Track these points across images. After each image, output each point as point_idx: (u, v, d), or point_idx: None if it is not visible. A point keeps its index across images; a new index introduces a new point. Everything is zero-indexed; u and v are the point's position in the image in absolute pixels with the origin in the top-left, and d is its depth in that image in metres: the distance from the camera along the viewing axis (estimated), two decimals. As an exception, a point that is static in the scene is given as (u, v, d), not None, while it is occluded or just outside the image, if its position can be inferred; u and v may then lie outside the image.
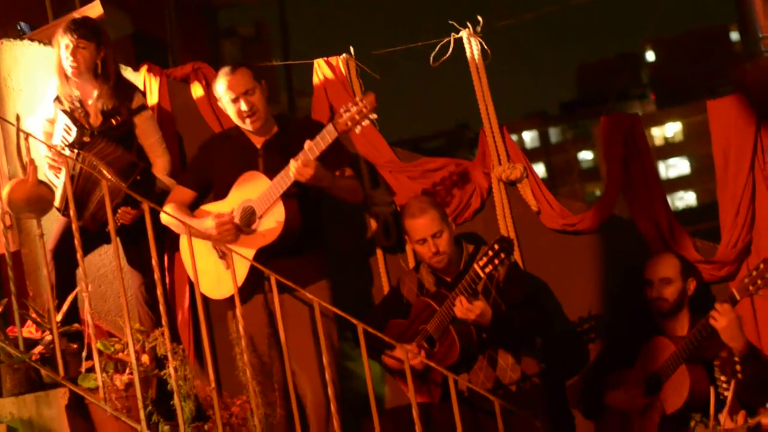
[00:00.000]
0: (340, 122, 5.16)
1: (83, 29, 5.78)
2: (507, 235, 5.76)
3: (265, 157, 5.47)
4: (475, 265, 5.09)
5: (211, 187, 5.61)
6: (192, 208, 5.56)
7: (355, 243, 6.11)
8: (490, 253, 5.06)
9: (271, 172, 5.32)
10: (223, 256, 5.40)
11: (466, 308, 5.13)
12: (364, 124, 5.18)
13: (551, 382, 5.58)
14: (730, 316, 4.92)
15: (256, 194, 5.32)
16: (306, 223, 5.35)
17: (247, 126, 5.48)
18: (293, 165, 5.16)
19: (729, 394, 4.67)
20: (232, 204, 5.41)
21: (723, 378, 4.71)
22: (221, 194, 5.49)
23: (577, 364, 5.76)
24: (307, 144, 5.18)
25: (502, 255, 5.05)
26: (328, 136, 5.18)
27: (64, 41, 5.76)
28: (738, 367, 4.70)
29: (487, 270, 5.07)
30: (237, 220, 5.35)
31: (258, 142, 5.52)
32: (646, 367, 5.25)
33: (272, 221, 5.28)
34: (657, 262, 5.42)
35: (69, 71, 5.78)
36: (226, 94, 5.47)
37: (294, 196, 5.30)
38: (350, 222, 6.08)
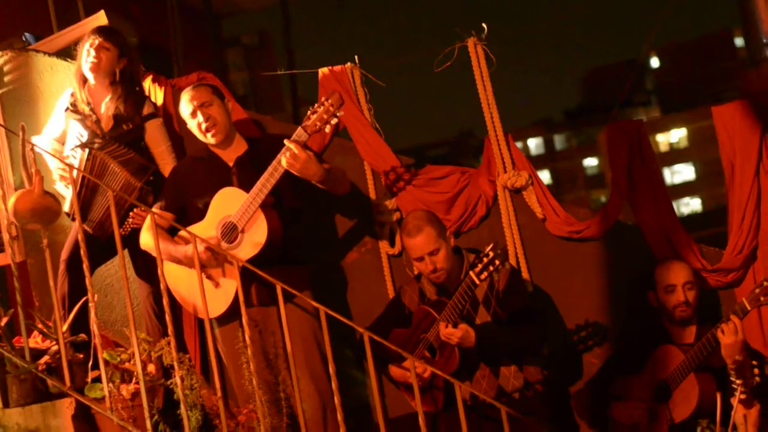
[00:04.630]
0: (309, 124, 5.24)
1: (110, 34, 5.90)
2: (505, 244, 5.75)
3: (239, 174, 5.49)
4: (471, 273, 5.09)
5: (187, 210, 5.61)
6: (171, 230, 5.57)
7: (342, 252, 6.12)
8: (485, 260, 5.05)
9: (245, 188, 5.35)
10: (210, 276, 5.41)
11: (447, 333, 5.15)
12: (332, 122, 5.25)
13: (555, 389, 5.57)
14: (738, 337, 4.91)
15: (234, 209, 5.33)
16: (287, 233, 5.37)
17: (208, 140, 5.52)
18: (284, 157, 5.19)
19: (744, 396, 4.67)
20: (211, 223, 5.41)
21: (739, 381, 4.71)
22: (197, 217, 5.50)
23: (582, 371, 5.75)
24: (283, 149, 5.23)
25: (497, 262, 5.04)
26: (298, 139, 5.24)
27: (89, 41, 5.85)
28: (756, 371, 4.70)
29: (482, 277, 5.06)
30: (219, 238, 5.36)
31: (230, 159, 5.56)
32: (654, 375, 5.24)
33: (255, 233, 5.29)
34: (674, 267, 5.39)
35: (87, 67, 5.83)
36: (186, 109, 5.56)
37: (272, 206, 5.32)
38: (338, 231, 6.10)
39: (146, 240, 5.52)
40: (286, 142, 5.23)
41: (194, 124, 5.55)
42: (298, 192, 5.51)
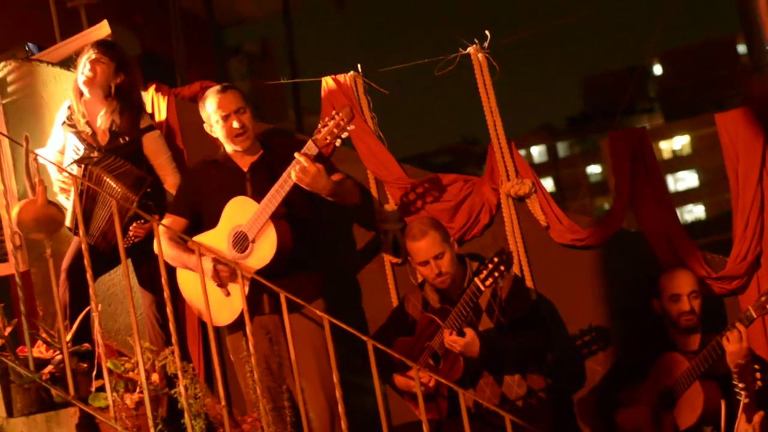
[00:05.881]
0: (319, 137, 5.20)
1: (109, 49, 5.90)
2: (510, 250, 5.75)
3: (252, 179, 5.48)
4: (476, 279, 5.09)
5: (201, 214, 5.60)
6: (186, 234, 5.54)
7: (346, 262, 6.11)
8: (490, 266, 5.06)
9: (259, 194, 5.33)
10: (221, 284, 5.40)
11: (451, 341, 5.15)
12: (343, 136, 5.22)
13: (558, 397, 5.57)
14: (743, 345, 4.91)
15: (246, 219, 5.32)
16: (298, 243, 5.36)
17: (236, 146, 5.49)
18: (294, 170, 5.17)
19: (747, 401, 4.67)
20: (223, 232, 5.40)
21: (741, 385, 4.71)
22: (212, 222, 5.49)
23: (585, 378, 5.75)
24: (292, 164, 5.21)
25: (502, 267, 5.04)
26: (309, 152, 5.21)
27: (87, 54, 5.86)
28: (758, 375, 4.71)
29: (487, 283, 5.06)
30: (230, 247, 5.35)
31: (244, 165, 5.53)
32: (658, 383, 5.23)
33: (265, 244, 5.28)
34: (680, 276, 5.39)
35: (82, 80, 5.83)
36: (215, 113, 5.48)
37: (284, 216, 5.31)
38: (342, 240, 6.10)
39: (163, 249, 5.46)
40: (296, 155, 5.21)
41: (224, 129, 5.48)
42: (310, 202, 5.49)
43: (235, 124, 5.44)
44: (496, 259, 5.05)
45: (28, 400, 5.27)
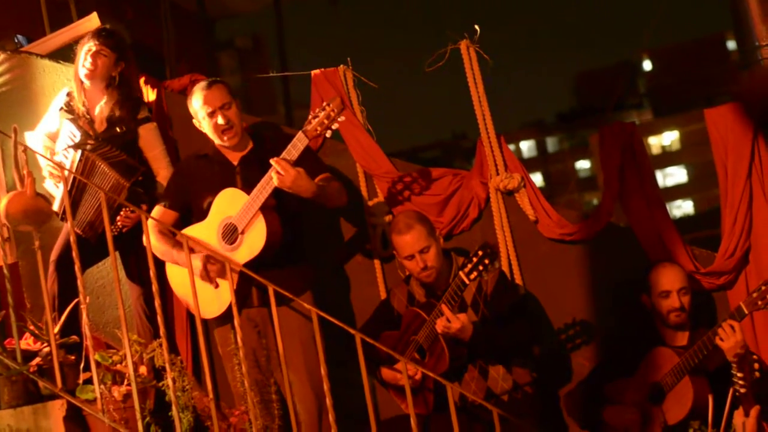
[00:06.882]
0: (309, 129, 5.18)
1: (108, 39, 5.88)
2: (494, 244, 5.75)
3: (243, 173, 5.47)
4: (461, 273, 5.09)
5: (191, 207, 5.59)
6: (176, 227, 5.52)
7: (334, 253, 6.11)
8: (474, 259, 5.06)
9: (249, 187, 5.31)
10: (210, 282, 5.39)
11: (447, 317, 5.13)
12: (333, 127, 5.20)
13: (544, 391, 5.57)
14: (737, 338, 4.91)
15: (236, 210, 5.32)
16: (288, 235, 5.35)
17: (224, 142, 5.47)
18: (275, 174, 5.16)
19: (744, 391, 4.69)
20: (212, 224, 5.39)
21: (740, 375, 4.73)
22: (201, 215, 5.48)
23: (572, 373, 5.76)
24: (282, 156, 5.20)
25: (486, 261, 5.04)
26: (299, 143, 5.19)
27: (88, 45, 5.84)
28: (756, 365, 4.72)
29: (472, 276, 5.06)
30: (219, 239, 5.34)
31: (234, 158, 5.52)
32: (647, 377, 5.24)
33: (254, 235, 5.27)
34: (669, 272, 5.38)
35: (83, 73, 5.82)
36: (202, 109, 5.45)
37: (273, 208, 5.30)
38: (330, 232, 6.10)
39: (153, 242, 5.44)
40: (272, 161, 5.19)
41: (211, 124, 5.45)
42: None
43: (220, 120, 5.42)
44: (480, 253, 5.05)
45: (16, 392, 5.27)
